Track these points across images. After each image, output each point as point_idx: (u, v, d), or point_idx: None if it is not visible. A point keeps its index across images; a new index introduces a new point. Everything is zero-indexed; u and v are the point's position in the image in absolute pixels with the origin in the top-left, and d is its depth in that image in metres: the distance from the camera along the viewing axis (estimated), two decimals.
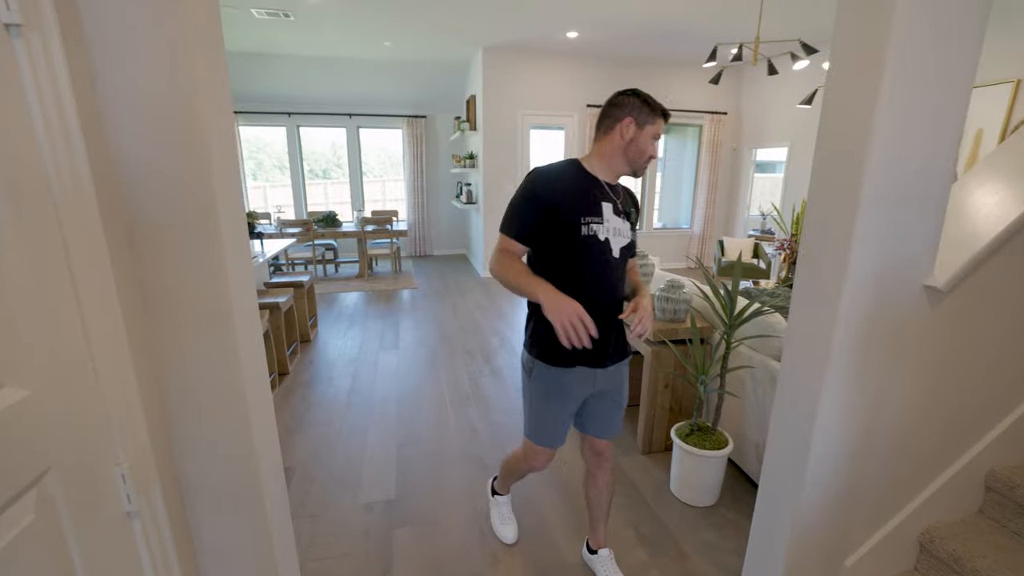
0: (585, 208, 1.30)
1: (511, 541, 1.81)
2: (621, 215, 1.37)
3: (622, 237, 1.36)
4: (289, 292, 3.43)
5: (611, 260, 1.34)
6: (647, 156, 1.34)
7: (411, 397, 3.03)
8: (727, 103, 6.80)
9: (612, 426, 1.52)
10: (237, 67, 6.16)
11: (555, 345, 1.31)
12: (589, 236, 1.30)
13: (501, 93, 5.95)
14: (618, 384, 1.48)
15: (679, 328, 2.29)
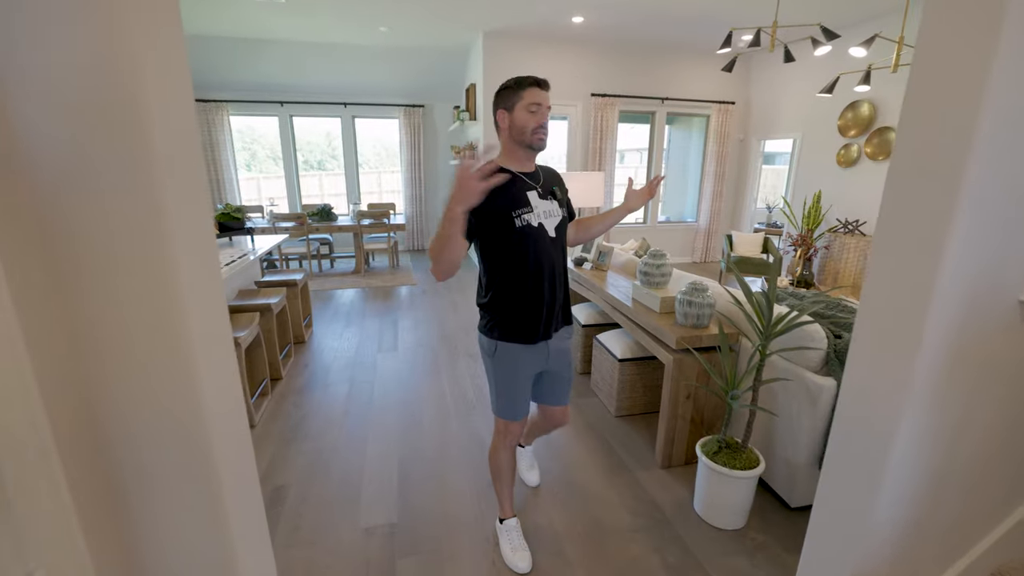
0: (513, 203, 1.42)
1: (524, 571, 1.68)
2: (548, 197, 1.49)
3: (553, 217, 1.49)
4: (281, 292, 3.24)
5: (548, 239, 1.48)
6: (531, 128, 1.40)
7: (412, 404, 2.85)
8: (735, 92, 6.58)
9: (564, 397, 1.76)
10: (227, 54, 5.89)
11: (514, 326, 1.48)
12: (524, 226, 1.42)
13: (502, 80, 5.64)
14: (566, 361, 1.69)
15: (703, 335, 2.12)
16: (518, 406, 1.59)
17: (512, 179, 1.41)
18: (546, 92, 1.42)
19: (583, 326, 3.20)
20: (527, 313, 1.48)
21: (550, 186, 1.53)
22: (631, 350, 2.66)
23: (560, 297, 1.54)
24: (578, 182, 3.93)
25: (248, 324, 2.62)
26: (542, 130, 1.41)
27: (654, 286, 2.51)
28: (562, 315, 1.59)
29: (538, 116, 1.39)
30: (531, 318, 1.48)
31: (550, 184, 1.53)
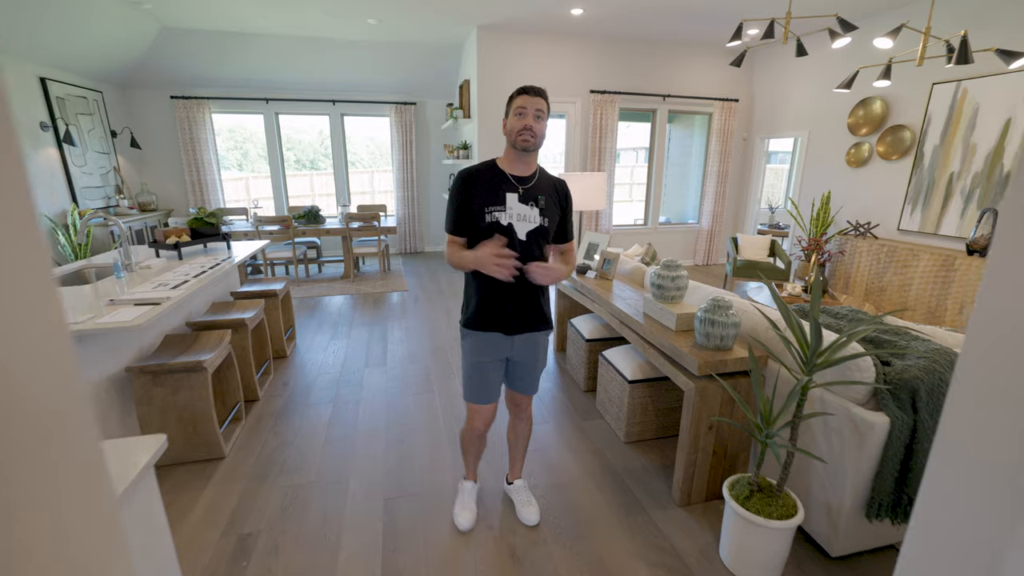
0: (490, 200, 1.53)
1: (465, 528, 1.87)
2: (529, 203, 1.55)
3: (527, 222, 1.55)
4: (259, 304, 2.97)
5: (518, 242, 1.54)
6: (516, 131, 1.50)
7: (401, 430, 2.60)
8: (738, 89, 6.36)
9: (530, 387, 1.81)
10: (208, 48, 5.59)
11: (477, 314, 1.61)
12: (492, 222, 1.52)
13: (497, 77, 5.46)
14: (534, 354, 1.73)
15: (728, 359, 1.88)
16: (481, 391, 1.70)
17: (499, 178, 1.56)
18: (535, 98, 1.49)
19: (587, 340, 2.96)
20: (491, 306, 1.60)
21: (536, 194, 1.58)
22: (642, 370, 2.42)
23: (530, 300, 1.62)
24: (579, 183, 3.69)
25: (218, 343, 2.36)
26: (526, 131, 1.49)
27: (669, 300, 2.26)
28: (533, 317, 1.65)
29: (523, 119, 1.49)
30: (494, 311, 1.60)
31: (537, 192, 1.58)
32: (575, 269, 3.25)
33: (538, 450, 2.42)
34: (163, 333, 2.51)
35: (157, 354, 2.24)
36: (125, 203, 5.64)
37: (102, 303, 2.09)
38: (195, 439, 2.22)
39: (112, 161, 5.71)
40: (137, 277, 2.59)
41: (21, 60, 4.50)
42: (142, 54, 5.52)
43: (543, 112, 1.50)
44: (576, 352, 3.13)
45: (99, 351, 2.03)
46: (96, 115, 5.48)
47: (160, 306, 2.06)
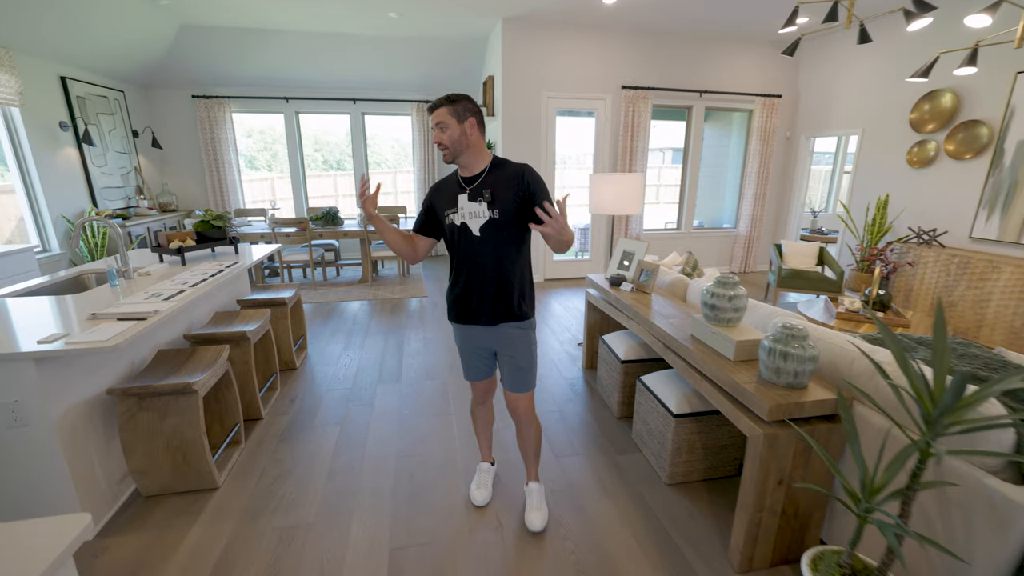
0: (446, 204, 1.68)
1: (479, 503, 2.00)
2: (477, 199, 1.62)
3: (478, 218, 1.62)
4: (264, 315, 2.75)
5: (473, 238, 1.64)
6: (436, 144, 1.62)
7: (413, 461, 2.32)
8: (782, 84, 5.91)
9: (512, 383, 1.81)
10: (227, 46, 5.47)
11: (451, 307, 1.76)
12: (450, 224, 1.67)
13: (523, 72, 5.17)
14: (508, 347, 1.76)
15: (804, 401, 1.54)
16: (469, 371, 1.88)
17: (454, 183, 1.69)
18: (432, 114, 1.59)
19: (622, 362, 2.63)
20: (459, 299, 1.73)
21: (481, 189, 1.64)
22: (689, 402, 2.08)
23: (489, 292, 1.68)
24: (611, 186, 3.37)
25: (213, 361, 2.13)
26: (438, 146, 1.61)
27: (724, 323, 1.93)
28: (498, 310, 1.70)
29: (435, 135, 1.61)
30: (463, 304, 1.73)
31: (483, 187, 1.64)
32: (609, 282, 2.94)
33: (568, 490, 2.11)
34: (157, 347, 2.30)
35: (146, 373, 2.03)
36: (145, 204, 5.58)
37: (83, 317, 1.88)
38: (184, 468, 2.00)
39: (133, 161, 5.65)
40: (135, 284, 2.40)
41: (42, 59, 4.44)
42: (163, 53, 5.44)
43: (444, 122, 1.58)
44: (609, 373, 2.81)
45: (81, 369, 1.81)
46: (118, 115, 5.42)
47: (145, 322, 1.84)
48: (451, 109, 1.57)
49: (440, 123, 1.58)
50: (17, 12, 3.82)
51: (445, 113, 1.57)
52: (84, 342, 1.62)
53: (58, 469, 1.70)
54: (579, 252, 6.77)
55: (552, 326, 4.23)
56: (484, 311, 1.71)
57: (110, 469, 1.94)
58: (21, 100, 4.18)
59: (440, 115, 1.57)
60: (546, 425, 2.64)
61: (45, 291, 2.47)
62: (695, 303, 2.62)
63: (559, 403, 2.88)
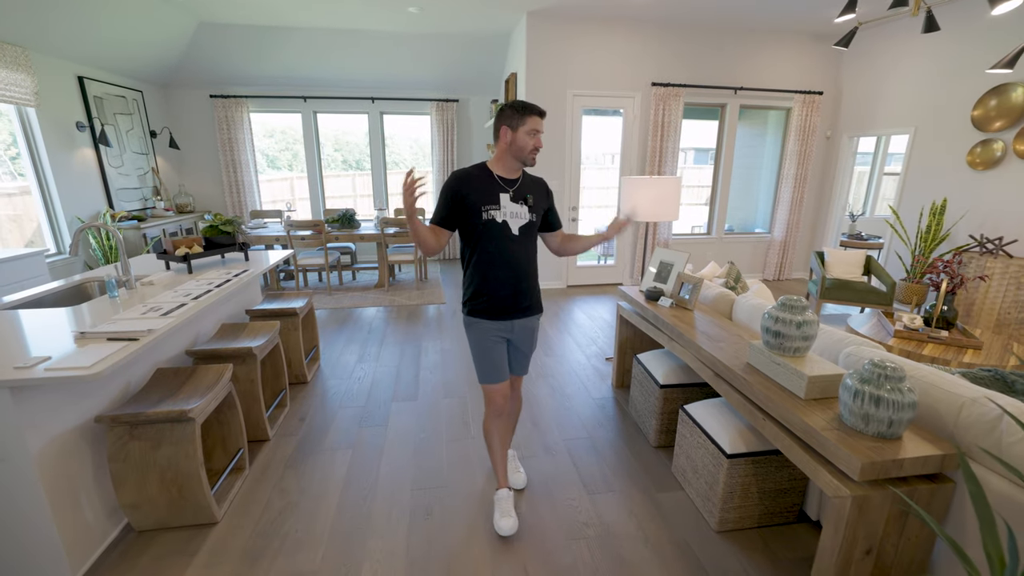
0: (486, 199, 1.70)
1: (507, 533, 1.85)
2: (519, 201, 1.74)
3: (519, 219, 1.74)
4: (273, 327, 2.57)
5: (511, 236, 1.73)
6: (529, 149, 1.71)
7: (430, 495, 2.11)
8: (823, 80, 5.54)
9: (522, 368, 1.98)
10: (244, 44, 5.36)
11: (482, 302, 1.77)
12: (489, 220, 1.70)
13: (548, 69, 4.93)
14: (530, 337, 1.91)
15: (903, 458, 1.27)
16: (494, 371, 1.83)
17: (491, 180, 1.72)
18: (542, 120, 1.70)
19: (661, 386, 2.37)
20: (489, 294, 1.75)
21: (524, 193, 1.76)
22: (745, 440, 1.82)
23: (523, 287, 1.79)
24: (645, 189, 3.11)
25: (214, 382, 1.95)
26: (536, 152, 1.72)
27: (790, 353, 1.66)
28: (529, 303, 1.82)
29: (535, 140, 1.69)
30: (493, 298, 1.75)
31: (525, 192, 1.77)
32: (645, 296, 2.68)
33: (604, 535, 1.87)
34: (156, 365, 2.13)
35: (140, 397, 1.85)
36: (161, 205, 5.50)
37: (73, 335, 1.71)
38: (180, 503, 1.82)
39: (151, 162, 5.59)
40: (136, 295, 2.24)
41: (59, 58, 4.37)
42: (181, 52, 5.35)
43: (540, 130, 1.70)
44: (645, 398, 2.55)
45: (66, 395, 1.64)
46: (135, 115, 5.36)
47: (138, 343, 1.66)
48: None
49: (538, 130, 1.69)
50: (34, 11, 3.74)
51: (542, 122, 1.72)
52: (64, 368, 1.44)
53: (37, 507, 1.53)
54: (602, 257, 6.50)
55: (577, 337, 3.98)
56: (522, 304, 1.80)
57: (100, 502, 1.77)
58: (37, 100, 4.11)
59: (541, 124, 1.70)
60: (576, 454, 2.40)
61: (41, 302, 2.33)
62: (743, 322, 2.35)
63: (588, 428, 2.64)
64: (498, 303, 1.75)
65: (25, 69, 3.98)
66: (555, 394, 3.02)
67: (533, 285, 1.83)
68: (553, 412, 2.80)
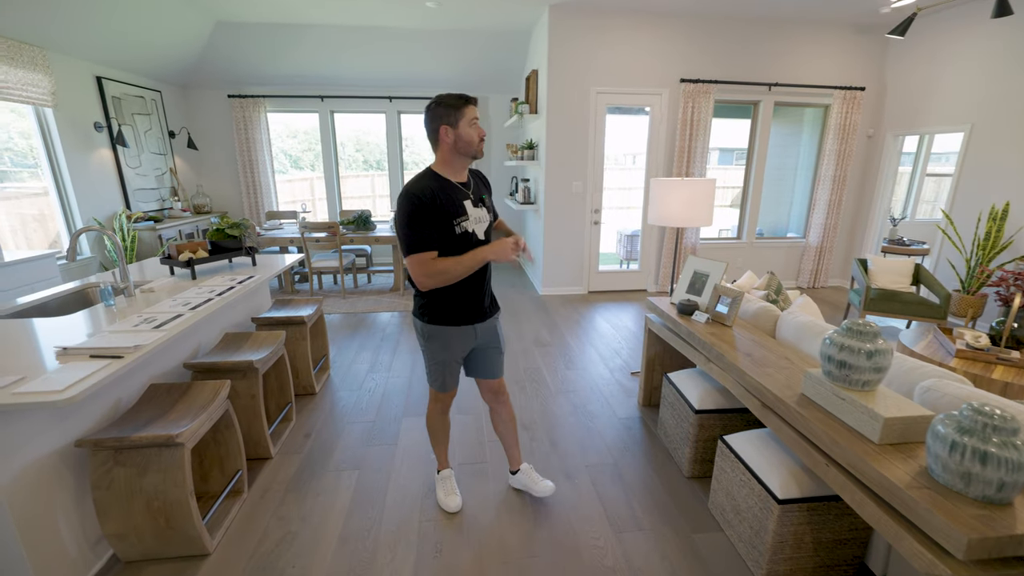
0: (454, 211, 1.60)
1: (455, 509, 1.96)
2: (479, 204, 1.69)
3: (483, 223, 1.69)
4: (278, 338, 2.43)
5: (479, 242, 1.66)
6: (477, 141, 1.60)
7: (440, 528, 1.92)
8: (866, 75, 5.19)
9: (497, 369, 1.91)
10: (260, 42, 5.29)
11: (448, 312, 1.71)
12: (462, 233, 1.62)
13: (571, 66, 4.71)
14: (494, 336, 1.85)
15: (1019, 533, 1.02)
16: (448, 379, 1.83)
17: (451, 188, 1.62)
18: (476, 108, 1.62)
19: (696, 411, 2.14)
20: (461, 303, 1.71)
21: (480, 193, 1.72)
22: (799, 483, 1.58)
23: (488, 291, 1.80)
24: (678, 192, 2.88)
25: (208, 401, 1.80)
26: (483, 141, 1.63)
27: (858, 387, 1.42)
28: (491, 305, 1.82)
29: (479, 129, 1.61)
30: (463, 307, 1.72)
31: (480, 191, 1.72)
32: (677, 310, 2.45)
33: None
34: (151, 379, 2.00)
35: (128, 417, 1.71)
36: (179, 205, 5.47)
37: (53, 351, 1.57)
38: (168, 533, 1.67)
39: (168, 162, 5.56)
40: (134, 304, 2.11)
41: (77, 58, 4.34)
42: (199, 51, 5.31)
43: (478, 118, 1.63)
44: (677, 422, 2.32)
45: (45, 417, 1.51)
46: (154, 115, 5.33)
47: (122, 361, 1.51)
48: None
49: (477, 118, 1.60)
50: (52, 10, 3.70)
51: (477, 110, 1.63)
52: (34, 392, 1.30)
53: (7, 543, 1.39)
54: (626, 261, 6.25)
55: (600, 349, 3.75)
56: (488, 307, 1.79)
57: (83, 531, 1.64)
58: (54, 100, 4.08)
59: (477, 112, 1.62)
60: (600, 483, 2.18)
61: (45, 307, 2.22)
62: (788, 341, 2.10)
63: (614, 452, 2.42)
64: (465, 310, 1.72)
65: (43, 69, 3.95)
66: (577, 412, 2.80)
67: (490, 285, 1.83)
68: (574, 432, 2.59)
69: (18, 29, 3.64)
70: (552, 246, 5.19)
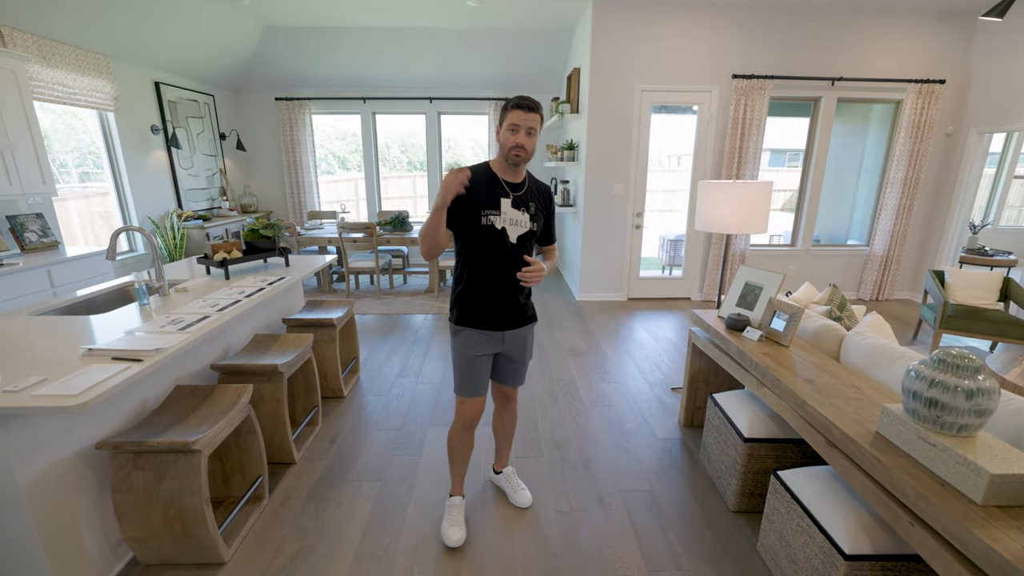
0: (486, 203, 1.60)
1: (454, 544, 1.80)
2: (520, 208, 1.64)
3: (519, 226, 1.64)
4: (305, 341, 2.39)
5: (508, 244, 1.63)
6: (509, 147, 1.57)
7: (460, 552, 1.81)
8: (946, 66, 4.69)
9: (517, 379, 1.88)
10: (304, 45, 5.40)
11: (471, 313, 1.68)
12: (487, 225, 1.60)
13: (614, 63, 4.51)
14: (521, 347, 1.80)
15: None
16: (472, 385, 1.75)
17: (494, 182, 1.62)
18: (529, 114, 1.53)
19: (745, 440, 1.92)
20: (483, 303, 1.68)
21: (527, 199, 1.66)
22: (871, 536, 1.35)
23: (518, 298, 1.71)
24: (729, 196, 2.65)
25: (230, 406, 1.76)
26: (518, 148, 1.56)
27: (952, 431, 1.19)
28: (521, 313, 1.74)
29: (516, 136, 1.55)
30: (486, 308, 1.68)
31: (528, 198, 1.67)
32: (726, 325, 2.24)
33: None
34: (176, 380, 1.99)
35: (150, 420, 1.70)
36: (227, 205, 5.67)
37: (79, 351, 1.57)
38: (184, 540, 1.64)
39: (219, 163, 5.78)
40: (168, 303, 2.12)
41: (138, 65, 4.56)
42: (249, 56, 5.48)
43: (535, 129, 1.55)
44: (723, 449, 2.10)
45: (67, 418, 1.50)
46: (206, 118, 5.55)
47: (141, 364, 1.49)
48: (540, 117, 1.56)
49: (532, 129, 1.55)
50: (115, 19, 3.89)
51: (539, 121, 1.56)
52: (52, 396, 1.28)
53: (27, 544, 1.39)
54: (667, 268, 5.96)
55: (639, 361, 3.54)
56: (515, 315, 1.73)
57: (104, 533, 1.63)
58: (116, 105, 4.29)
59: (536, 121, 1.55)
60: (635, 512, 2.00)
61: (86, 306, 2.28)
62: (856, 366, 1.85)
63: (651, 478, 2.23)
64: (490, 313, 1.68)
65: (106, 76, 4.16)
66: (612, 429, 2.62)
67: (527, 294, 1.77)
68: (609, 452, 2.41)
69: (85, 37, 3.84)
70: (591, 250, 5.00)
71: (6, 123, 2.93)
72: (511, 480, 2.08)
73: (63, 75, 3.71)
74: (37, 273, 2.97)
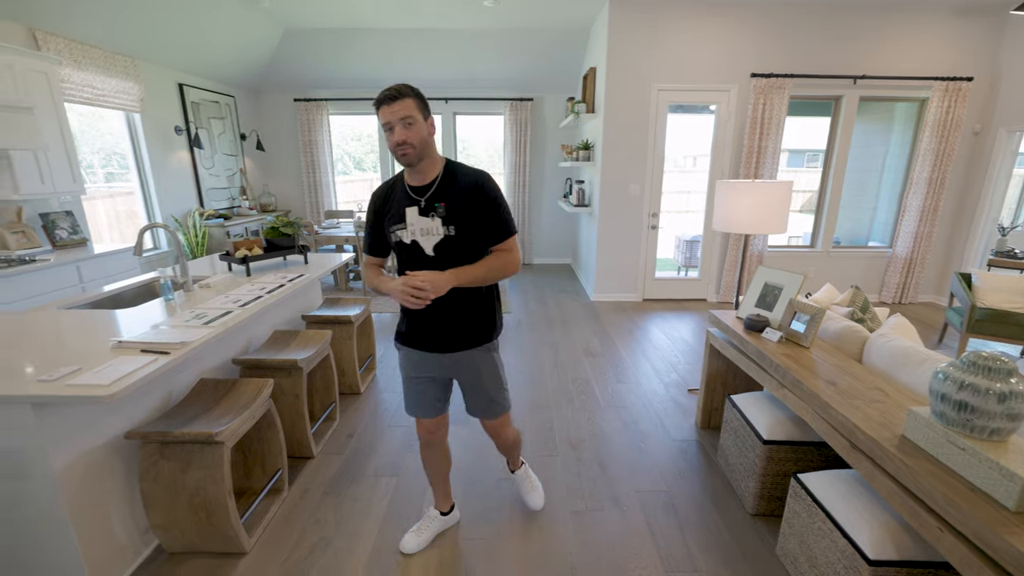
0: (393, 218, 1.44)
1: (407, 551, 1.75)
2: (430, 214, 1.40)
3: (431, 235, 1.41)
4: (324, 338, 2.43)
5: (427, 258, 1.42)
6: (392, 149, 1.35)
7: (475, 546, 1.82)
8: (973, 63, 4.57)
9: (484, 411, 1.67)
10: (320, 46, 5.47)
11: (406, 331, 1.56)
12: (397, 242, 1.44)
13: (631, 62, 4.49)
14: (474, 374, 1.58)
15: None
16: (414, 406, 1.65)
17: (403, 192, 1.44)
18: (394, 104, 1.30)
19: (764, 442, 1.90)
20: (415, 323, 1.52)
21: (434, 202, 1.41)
22: (896, 542, 1.33)
23: (451, 314, 1.48)
24: (748, 196, 2.62)
25: (252, 399, 1.80)
26: (402, 146, 1.34)
27: (983, 435, 1.16)
28: (459, 334, 1.52)
29: (393, 135, 1.33)
30: (419, 328, 1.52)
31: (436, 200, 1.41)
32: (745, 325, 2.21)
33: None
34: (201, 373, 2.04)
35: (176, 412, 1.74)
36: (246, 204, 5.77)
37: (109, 343, 1.62)
38: (208, 529, 1.67)
39: (239, 163, 5.89)
40: (192, 298, 2.18)
41: (163, 66, 4.67)
42: (269, 58, 5.58)
43: (412, 116, 1.32)
44: (741, 451, 2.08)
45: (101, 406, 1.55)
46: (228, 119, 5.66)
47: (168, 357, 1.53)
48: (418, 103, 1.34)
49: (407, 118, 1.31)
50: (142, 22, 3.99)
51: (413, 106, 1.32)
52: (85, 385, 1.32)
53: (59, 526, 1.43)
54: (684, 268, 5.90)
55: (655, 362, 3.51)
56: (443, 337, 1.52)
57: (132, 519, 1.68)
58: (142, 106, 4.40)
59: (407, 108, 1.31)
60: (651, 513, 1.99)
61: (113, 300, 2.35)
62: (879, 368, 1.81)
63: (667, 479, 2.21)
64: (423, 334, 1.52)
65: (134, 78, 4.27)
66: (627, 430, 2.61)
67: (466, 313, 1.50)
68: (625, 454, 2.40)
69: (113, 40, 3.95)
70: (606, 250, 4.97)
71: (39, 124, 3.03)
72: (523, 482, 2.03)
73: (93, 77, 3.81)
74: (67, 269, 3.06)
